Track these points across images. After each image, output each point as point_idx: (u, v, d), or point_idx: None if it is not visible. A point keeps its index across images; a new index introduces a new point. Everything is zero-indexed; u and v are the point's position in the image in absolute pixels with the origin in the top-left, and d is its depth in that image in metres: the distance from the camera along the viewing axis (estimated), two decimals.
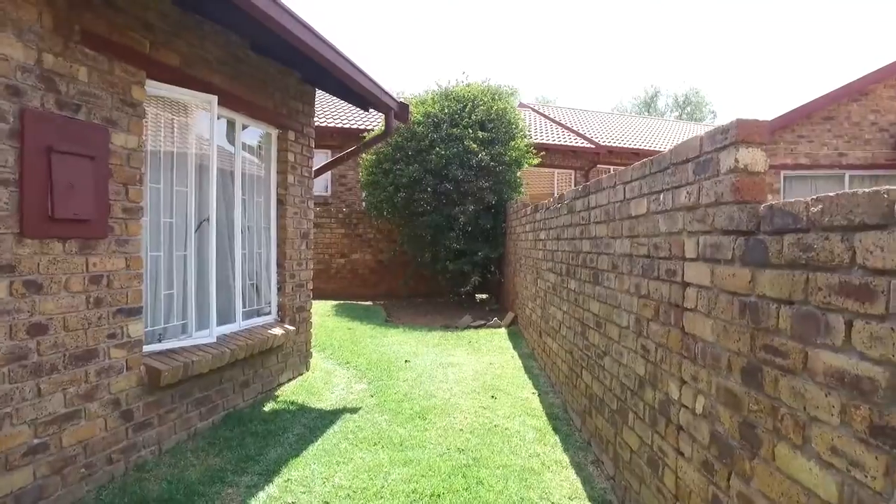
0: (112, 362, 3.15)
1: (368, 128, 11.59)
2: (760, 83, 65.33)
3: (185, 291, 4.01)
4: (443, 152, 9.09)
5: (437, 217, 9.37)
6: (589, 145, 15.57)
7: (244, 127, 4.80)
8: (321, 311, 9.28)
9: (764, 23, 68.56)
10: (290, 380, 5.31)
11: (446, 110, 9.55)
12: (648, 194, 2.75)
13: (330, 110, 14.26)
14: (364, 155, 10.26)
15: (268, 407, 4.58)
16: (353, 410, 4.49)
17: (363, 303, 10.65)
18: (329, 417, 4.32)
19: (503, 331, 7.73)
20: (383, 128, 5.67)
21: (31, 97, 2.63)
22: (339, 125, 13.15)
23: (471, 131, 9.25)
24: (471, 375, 5.48)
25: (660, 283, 2.56)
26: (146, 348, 3.56)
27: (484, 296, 11.09)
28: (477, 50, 74.31)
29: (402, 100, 5.66)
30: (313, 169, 5.69)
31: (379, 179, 9.73)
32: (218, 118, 4.48)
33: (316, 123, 13.39)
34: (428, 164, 9.23)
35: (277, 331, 4.93)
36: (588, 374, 3.84)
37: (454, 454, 3.58)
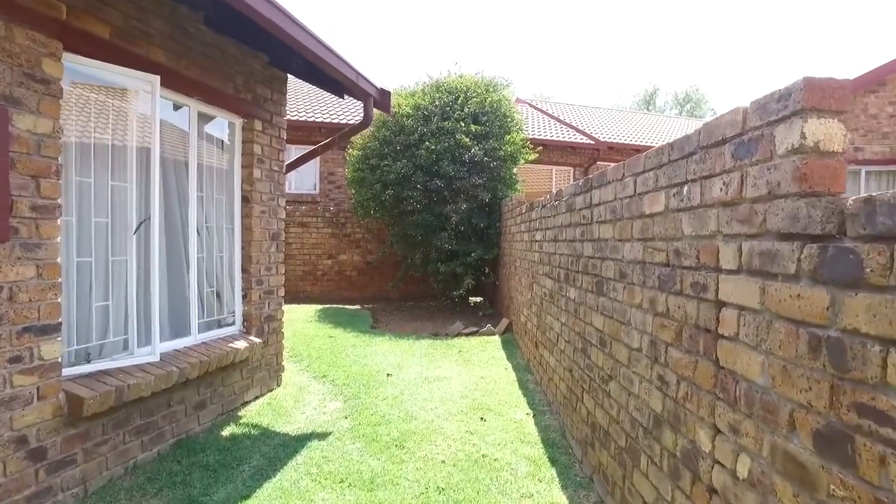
0: (15, 392, 2.60)
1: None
2: (762, 80, 64.78)
3: (125, 302, 3.46)
4: (433, 147, 8.53)
5: (428, 216, 8.82)
6: (588, 141, 15.04)
7: (209, 118, 4.26)
8: (303, 316, 8.72)
9: (766, 18, 68.09)
10: (256, 397, 4.76)
11: (437, 102, 8.99)
12: (667, 187, 2.21)
13: (318, 105, 13.71)
14: (350, 150, 9.71)
15: (227, 431, 4.04)
16: (323, 436, 3.95)
17: (350, 307, 10.10)
18: (294, 445, 3.78)
19: (497, 339, 7.19)
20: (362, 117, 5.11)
21: None
22: (329, 120, 12.59)
23: (463, 125, 8.69)
24: (459, 392, 4.94)
25: (683, 300, 2.02)
26: (69, 371, 3.02)
27: (478, 299, 10.55)
28: (471, 47, 73.72)
29: (382, 87, 5.11)
30: (285, 163, 5.14)
31: (366, 176, 9.17)
32: (175, 107, 3.95)
33: (302, 118, 12.93)
34: (417, 160, 8.68)
35: (241, 344, 4.39)
36: (590, 399, 3.30)
37: (432, 495, 3.04)
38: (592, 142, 15.07)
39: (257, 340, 4.62)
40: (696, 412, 1.89)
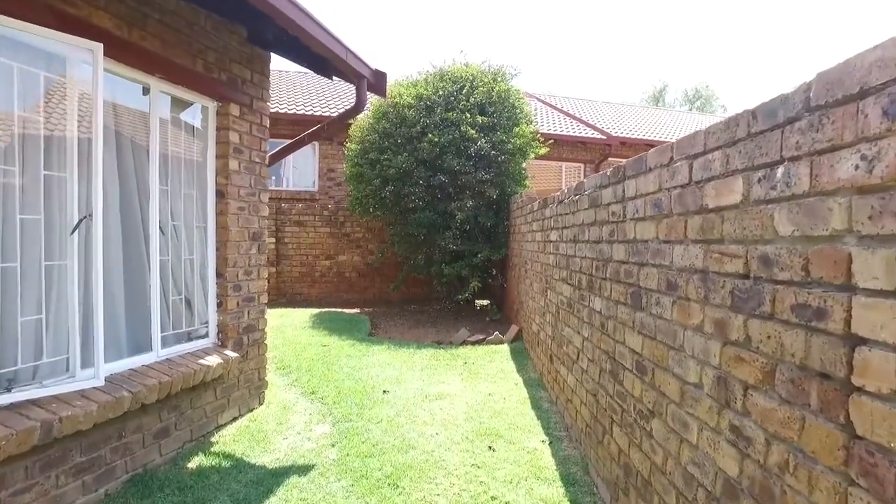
0: None
1: None
2: (775, 78, 63.79)
3: (66, 316, 2.90)
4: (437, 139, 7.94)
5: (431, 214, 8.24)
6: (600, 136, 14.42)
7: (177, 100, 3.70)
8: (297, 321, 8.15)
9: (778, 14, 66.99)
10: (234, 419, 4.19)
11: (441, 92, 8.39)
12: (746, 170, 1.61)
13: (319, 98, 13.16)
14: (348, 144, 9.13)
15: (195, 462, 3.47)
16: (305, 470, 3.37)
17: (348, 311, 9.52)
18: (269, 482, 3.21)
19: (505, 348, 6.59)
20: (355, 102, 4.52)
21: None
22: (331, 114, 12.02)
23: (469, 115, 8.09)
24: (463, 413, 4.35)
25: (777, 328, 1.43)
26: None
27: (484, 303, 9.95)
28: (476, 44, 73.04)
29: (377, 68, 4.52)
30: (268, 154, 4.57)
31: (364, 171, 8.59)
32: (133, 86, 3.39)
33: (301, 112, 12.35)
34: (420, 154, 8.09)
35: (213, 359, 3.82)
36: (623, 435, 2.71)
37: None
38: (604, 137, 14.45)
39: (233, 355, 4.05)
40: (807, 495, 1.30)
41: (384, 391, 4.86)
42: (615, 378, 2.86)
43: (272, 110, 11.47)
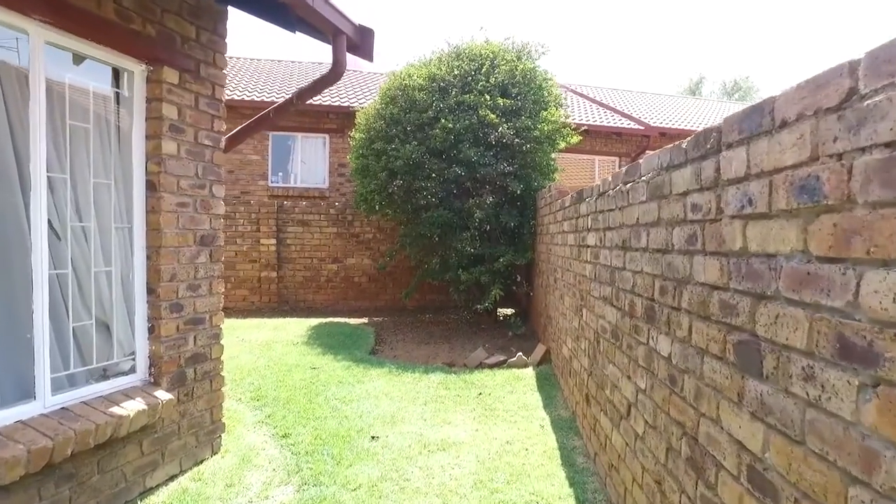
0: None
1: None
2: (815, 68, 60.55)
3: None
4: (451, 126, 6.87)
5: (445, 212, 7.18)
6: (637, 126, 13.16)
7: (78, 57, 2.75)
8: (292, 335, 7.16)
9: (818, 5, 63.76)
10: (171, 478, 3.22)
11: (456, 72, 7.31)
12: None
13: (331, 88, 12.24)
14: (353, 133, 8.13)
15: None
16: None
17: (354, 321, 8.50)
18: None
19: (530, 373, 5.49)
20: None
21: None
22: (339, 104, 11.09)
23: (488, 98, 6.99)
24: (471, 474, 3.29)
25: None
26: None
27: (508, 311, 8.84)
28: (501, 30, 71.46)
29: (361, 24, 3.51)
30: (223, 138, 3.59)
31: (370, 163, 7.58)
32: (7, 33, 2.45)
33: (312, 102, 11.40)
34: (432, 142, 7.03)
35: (134, 405, 2.86)
36: None
37: None
38: (641, 127, 13.19)
39: (165, 396, 3.08)
40: None
41: (373, 437, 3.83)
42: (698, 473, 1.77)
43: (246, 98, 10.58)
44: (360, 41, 3.54)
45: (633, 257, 2.58)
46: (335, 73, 3.47)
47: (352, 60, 3.80)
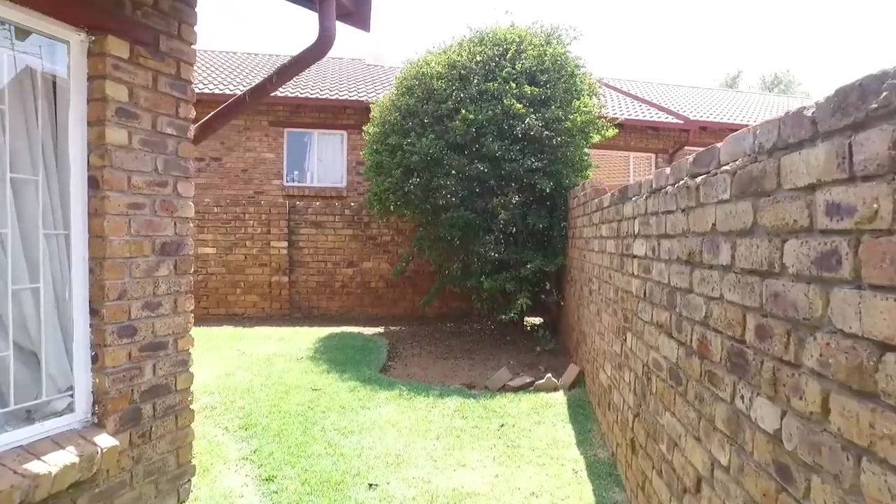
0: None
1: None
2: (860, 61, 57.75)
3: None
4: (472, 117, 6.20)
5: (467, 213, 6.51)
6: (676, 120, 12.29)
7: (7, 26, 2.19)
8: (297, 348, 6.54)
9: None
10: None
11: (479, 58, 6.63)
12: None
13: (346, 83, 11.72)
14: (367, 128, 7.51)
15: None
16: None
17: (368, 331, 7.86)
18: None
19: (561, 398, 4.77)
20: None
21: None
22: (357, 98, 10.52)
23: (514, 86, 6.29)
24: None
25: None
26: None
27: (536, 320, 8.11)
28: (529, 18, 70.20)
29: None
30: (192, 126, 3.00)
31: (384, 160, 6.96)
32: None
33: (325, 96, 10.78)
34: (451, 136, 6.37)
35: (65, 456, 2.29)
36: None
37: None
38: (680, 121, 12.31)
39: (110, 442, 2.50)
40: None
41: (370, 484, 3.19)
42: None
43: (217, 92, 9.95)
44: (354, 6, 2.91)
45: (707, 277, 1.87)
46: (322, 44, 2.84)
47: (360, 51, 3.17)
